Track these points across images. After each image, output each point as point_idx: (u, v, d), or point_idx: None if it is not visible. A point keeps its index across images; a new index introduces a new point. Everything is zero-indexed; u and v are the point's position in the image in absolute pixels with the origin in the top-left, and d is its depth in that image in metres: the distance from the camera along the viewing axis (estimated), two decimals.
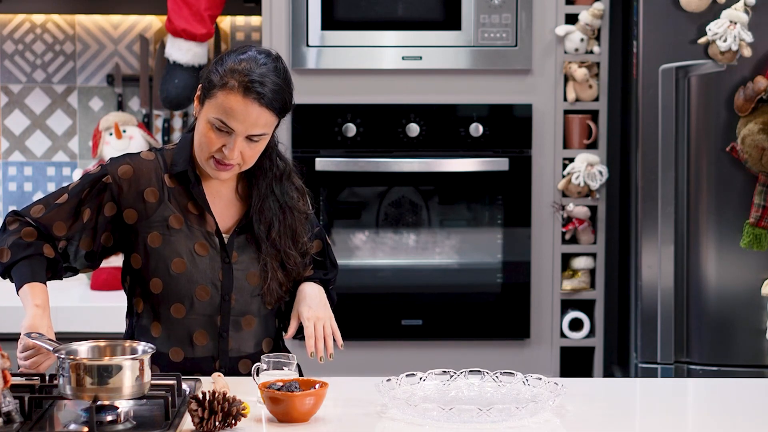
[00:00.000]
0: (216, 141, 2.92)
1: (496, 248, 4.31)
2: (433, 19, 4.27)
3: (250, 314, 3.03)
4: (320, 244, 3.16)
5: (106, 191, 3.00)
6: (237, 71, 2.90)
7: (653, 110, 4.08)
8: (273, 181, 3.05)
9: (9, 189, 4.67)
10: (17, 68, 4.65)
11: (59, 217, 3.01)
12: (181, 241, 3.00)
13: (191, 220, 3.02)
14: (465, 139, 4.29)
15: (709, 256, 4.09)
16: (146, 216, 3.00)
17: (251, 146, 2.94)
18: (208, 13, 4.38)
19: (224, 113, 2.90)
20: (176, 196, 3.02)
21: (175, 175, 3.02)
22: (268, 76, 2.92)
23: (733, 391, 3.03)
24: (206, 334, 3.02)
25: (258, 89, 2.89)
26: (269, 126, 2.94)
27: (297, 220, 3.06)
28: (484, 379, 2.87)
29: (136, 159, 3.04)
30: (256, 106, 2.89)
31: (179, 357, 3.02)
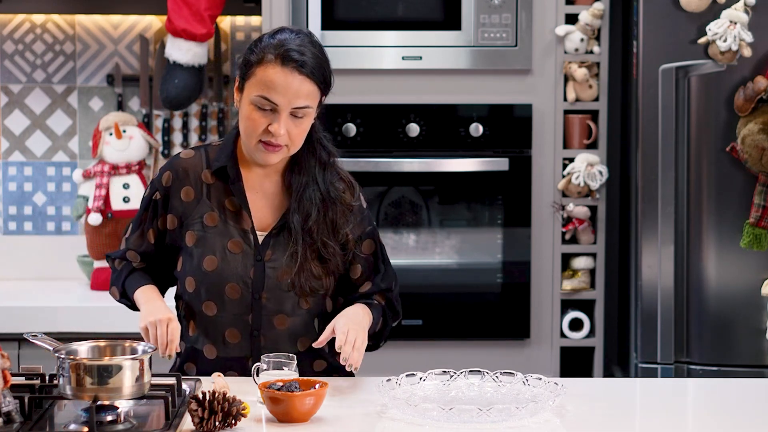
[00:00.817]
0: (261, 121, 2.90)
1: (496, 248, 4.31)
2: (433, 19, 4.27)
3: (284, 313, 2.99)
4: (372, 245, 3.09)
5: (159, 207, 3.04)
6: (273, 45, 2.90)
7: (653, 110, 4.08)
8: (316, 169, 3.01)
9: (9, 189, 4.67)
10: (17, 68, 4.65)
11: (130, 248, 3.09)
12: (215, 238, 2.99)
13: (228, 217, 3.00)
14: (465, 139, 4.29)
15: (709, 256, 4.09)
16: (185, 216, 3.01)
17: (296, 123, 2.91)
18: (208, 13, 4.38)
19: (265, 88, 2.88)
20: (215, 192, 3.01)
21: (215, 171, 3.01)
22: (306, 46, 2.91)
23: (733, 391, 3.03)
24: (238, 333, 3.00)
25: (296, 56, 2.88)
26: (312, 98, 2.91)
27: (339, 212, 3.01)
28: (484, 379, 2.87)
29: (175, 162, 3.06)
30: (297, 75, 2.88)
31: (213, 354, 3.02)
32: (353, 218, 3.04)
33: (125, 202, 4.48)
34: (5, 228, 4.67)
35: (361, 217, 3.07)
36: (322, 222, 2.99)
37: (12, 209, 4.67)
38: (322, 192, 3.00)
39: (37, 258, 4.65)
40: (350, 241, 3.03)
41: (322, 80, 2.93)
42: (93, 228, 4.46)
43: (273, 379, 2.72)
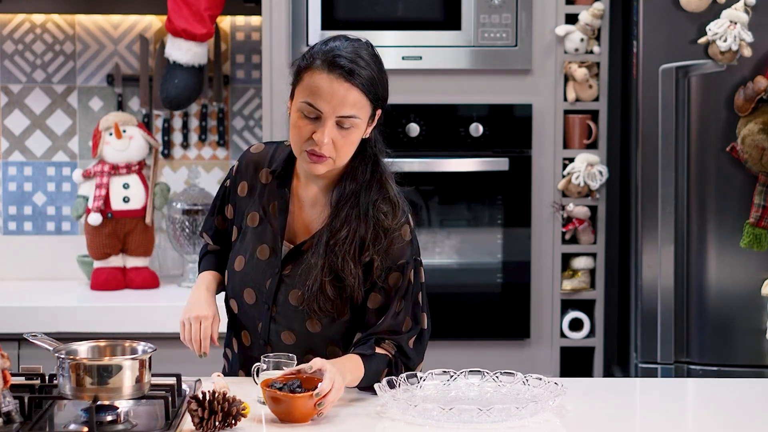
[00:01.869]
0: (306, 129, 2.82)
1: (496, 248, 4.31)
2: (433, 19, 4.27)
3: (291, 331, 2.93)
4: (398, 278, 2.88)
5: (226, 195, 3.06)
6: (323, 51, 2.83)
7: (653, 110, 4.08)
8: (363, 186, 2.89)
9: (9, 189, 4.67)
10: (17, 68, 4.65)
11: (206, 230, 3.13)
12: (250, 239, 2.98)
13: (270, 221, 2.96)
14: (465, 139, 4.29)
15: (709, 256, 4.09)
16: (237, 208, 3.02)
17: (342, 134, 2.81)
18: (208, 13, 4.37)
19: (311, 94, 2.80)
20: (267, 193, 2.98)
21: (271, 171, 2.99)
22: (358, 55, 2.82)
23: (733, 391, 3.03)
24: (250, 337, 2.99)
25: (342, 63, 2.79)
26: (359, 108, 2.82)
27: (371, 233, 2.86)
28: (484, 379, 2.87)
29: (245, 154, 3.06)
30: (342, 82, 2.79)
31: (236, 348, 3.03)
32: (385, 244, 2.87)
33: (125, 202, 4.48)
34: (5, 228, 4.67)
35: (401, 246, 2.90)
36: (350, 240, 2.86)
37: (12, 209, 4.67)
38: (360, 210, 2.88)
39: (37, 258, 4.65)
40: (376, 267, 2.87)
41: (373, 92, 2.83)
42: (93, 228, 4.46)
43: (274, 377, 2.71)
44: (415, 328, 2.90)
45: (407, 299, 2.89)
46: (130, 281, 4.48)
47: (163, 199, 4.53)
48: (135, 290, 4.47)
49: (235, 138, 4.69)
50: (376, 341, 2.87)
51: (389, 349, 2.88)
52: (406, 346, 2.89)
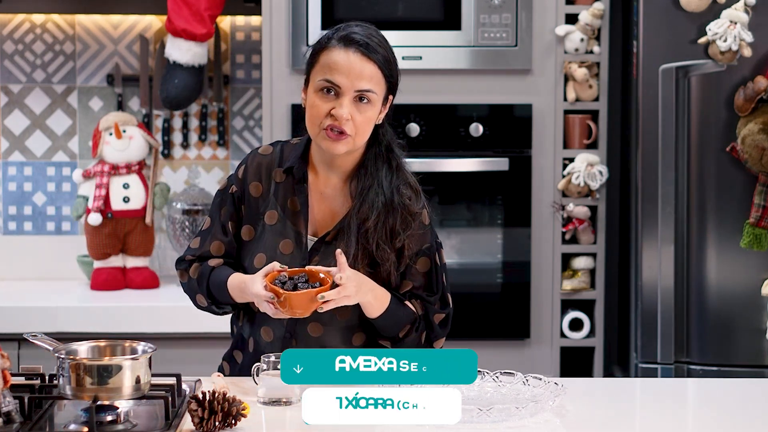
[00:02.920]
0: (324, 106, 2.88)
1: (496, 248, 4.31)
2: (433, 19, 4.27)
3: (318, 322, 2.96)
4: (427, 263, 3.01)
5: (236, 200, 3.03)
6: (336, 31, 2.92)
7: (653, 110, 4.08)
8: (383, 173, 2.96)
9: (9, 189, 4.67)
10: (17, 68, 4.65)
11: (215, 239, 3.05)
12: (270, 237, 2.98)
13: (288, 217, 2.99)
14: (465, 139, 4.29)
15: (709, 256, 4.09)
16: (249, 209, 3.01)
17: (361, 110, 2.88)
18: (208, 13, 4.38)
19: (328, 70, 2.87)
20: (282, 191, 3.00)
21: (285, 170, 3.00)
22: (371, 33, 2.92)
23: (733, 391, 3.03)
24: (272, 333, 2.99)
25: (358, 39, 2.88)
26: (375, 82, 2.89)
27: (399, 218, 2.94)
28: (484, 379, 2.87)
29: (251, 156, 3.06)
30: (359, 56, 2.87)
31: (252, 347, 3.03)
32: (414, 227, 2.96)
33: (125, 202, 4.48)
34: (5, 228, 4.67)
35: (423, 232, 2.99)
36: (381, 226, 2.93)
37: (12, 209, 4.67)
38: (386, 196, 2.94)
39: (37, 258, 4.65)
40: (407, 250, 2.96)
41: (387, 69, 2.91)
42: (93, 228, 4.46)
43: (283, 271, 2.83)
44: (445, 309, 3.05)
45: (438, 282, 3.02)
46: (130, 281, 4.49)
47: (163, 199, 4.53)
48: (135, 290, 4.47)
49: (235, 138, 4.69)
50: (409, 297, 3.00)
51: (418, 308, 3.00)
52: (433, 319, 3.02)
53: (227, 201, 3.05)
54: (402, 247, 2.95)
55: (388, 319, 2.95)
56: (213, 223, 3.06)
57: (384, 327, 2.96)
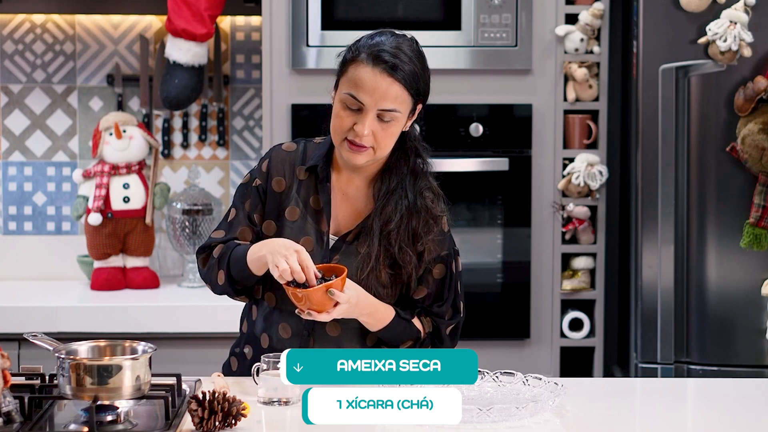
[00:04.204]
0: (347, 119, 2.89)
1: (496, 248, 4.31)
2: (433, 19, 4.27)
3: (337, 322, 2.97)
4: (443, 270, 3.03)
5: (260, 192, 3.03)
6: (368, 45, 2.90)
7: (653, 110, 4.08)
8: (407, 177, 2.98)
9: (9, 189, 4.67)
10: (17, 68, 4.65)
11: (242, 225, 3.03)
12: (291, 233, 2.98)
13: (309, 214, 3.00)
14: (465, 139, 4.29)
15: (709, 256, 4.09)
16: (271, 204, 3.01)
17: (383, 127, 2.89)
18: (208, 13, 4.38)
19: (354, 86, 2.88)
20: (304, 188, 3.01)
21: (308, 168, 3.01)
22: (401, 48, 2.89)
23: (733, 391, 3.03)
24: (290, 329, 2.99)
25: (386, 58, 2.86)
26: (400, 102, 2.89)
27: (422, 221, 2.96)
28: (484, 379, 2.87)
29: (275, 151, 3.06)
30: (386, 77, 2.86)
31: (266, 344, 3.02)
32: (435, 230, 2.98)
33: (125, 202, 4.48)
34: (5, 228, 4.67)
35: (442, 238, 3.01)
36: (404, 229, 2.95)
37: (12, 209, 4.67)
38: (409, 200, 2.96)
39: (37, 258, 4.65)
40: (426, 254, 2.98)
41: (414, 87, 2.90)
42: (93, 228, 4.46)
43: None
44: (455, 317, 3.05)
45: (450, 290, 3.02)
46: (130, 281, 4.49)
47: (163, 199, 4.53)
48: (135, 290, 4.47)
49: (235, 138, 4.69)
50: (417, 313, 3.01)
51: (426, 325, 3.02)
52: (444, 332, 3.03)
53: (252, 193, 3.05)
54: (423, 251, 2.97)
55: (387, 335, 2.99)
56: (238, 213, 3.05)
57: (385, 339, 3.00)
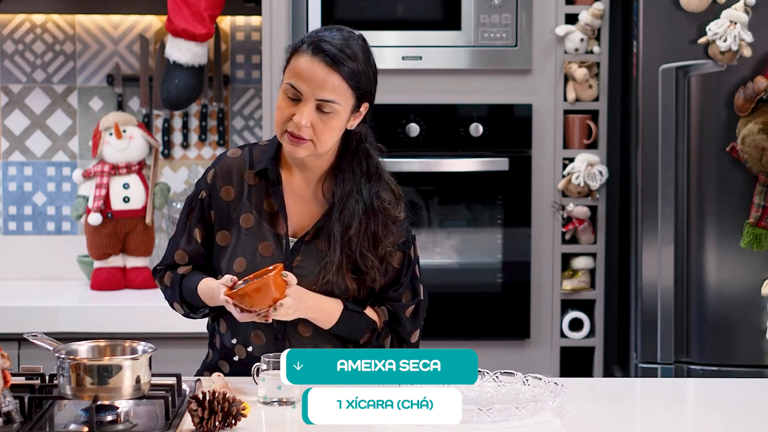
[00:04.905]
0: (287, 110, 2.88)
1: (496, 248, 4.31)
2: (433, 19, 4.27)
3: (307, 323, 2.97)
4: (401, 258, 3.03)
5: (205, 206, 3.02)
6: (312, 36, 2.91)
7: (653, 110, 4.08)
8: (362, 180, 2.97)
9: (9, 189, 4.67)
10: (17, 68, 4.65)
11: (178, 248, 3.06)
12: (247, 240, 2.98)
13: (264, 219, 2.99)
14: (465, 139, 4.29)
15: (709, 256, 4.09)
16: (222, 214, 3.00)
17: (323, 119, 2.87)
18: (208, 13, 4.38)
19: (294, 75, 2.88)
20: (255, 194, 3.00)
21: (257, 172, 3.00)
22: (346, 43, 2.89)
23: (733, 391, 3.03)
24: (263, 335, 3.00)
25: (326, 47, 2.86)
26: (339, 93, 2.87)
27: (381, 224, 2.95)
28: (484, 379, 2.87)
29: (220, 160, 3.05)
30: (324, 66, 2.85)
31: (242, 354, 3.02)
32: (395, 230, 2.99)
33: (125, 202, 4.48)
34: (5, 228, 4.67)
35: (399, 227, 3.01)
36: (363, 234, 2.94)
37: (12, 209, 4.67)
38: (365, 203, 2.95)
39: (37, 258, 4.65)
40: (390, 254, 2.98)
41: (356, 83, 2.89)
42: (93, 228, 4.46)
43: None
44: (414, 300, 3.03)
45: (407, 275, 3.02)
46: (130, 281, 4.49)
47: (163, 199, 4.53)
48: (135, 290, 4.47)
49: (235, 138, 4.69)
50: (371, 303, 3.00)
51: (381, 314, 3.00)
52: (403, 316, 3.01)
53: (196, 207, 3.05)
54: (384, 254, 2.97)
55: (341, 330, 2.98)
56: (177, 232, 3.08)
57: (341, 335, 2.99)
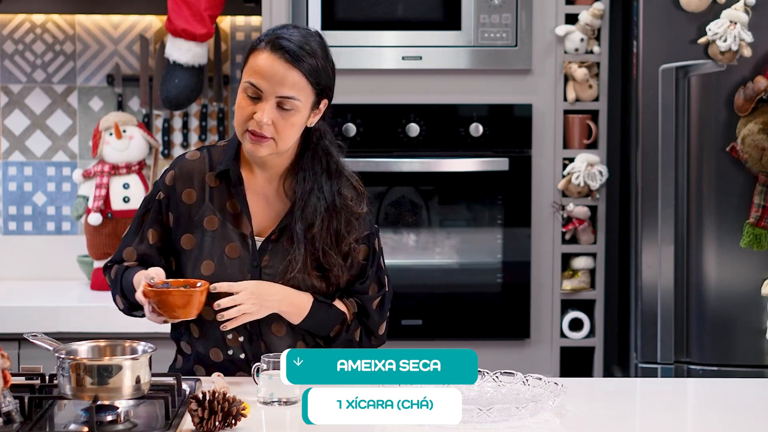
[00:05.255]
0: (248, 109, 2.89)
1: (496, 248, 4.32)
2: (433, 19, 4.27)
3: (280, 322, 2.97)
4: (366, 251, 3.03)
5: (162, 207, 3.01)
6: (270, 34, 2.91)
7: (653, 110, 4.08)
8: (322, 178, 2.97)
9: (9, 189, 4.67)
10: (17, 68, 4.65)
11: (128, 245, 3.03)
12: (213, 243, 2.97)
13: (228, 220, 2.98)
14: (465, 139, 4.29)
15: (709, 256, 4.09)
16: (183, 218, 2.99)
17: (283, 116, 2.87)
18: (208, 13, 4.38)
19: (253, 73, 2.88)
20: (217, 195, 2.99)
21: (218, 174, 2.99)
22: (305, 41, 2.89)
23: (733, 391, 3.03)
24: (238, 337, 2.99)
25: (285, 44, 2.87)
26: (299, 90, 2.87)
27: (343, 221, 2.96)
28: (484, 379, 2.87)
29: (180, 162, 3.03)
30: (283, 63, 2.86)
31: (219, 357, 3.01)
32: (358, 226, 2.99)
33: (125, 202, 4.48)
34: (5, 228, 4.67)
35: (362, 222, 3.02)
36: (326, 231, 2.95)
37: (12, 209, 4.67)
38: (327, 201, 2.96)
39: (37, 258, 4.65)
40: (354, 251, 3.00)
41: (316, 79, 2.89)
42: (93, 228, 4.46)
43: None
44: (380, 291, 3.04)
45: (373, 267, 3.03)
46: None
47: None
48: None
49: None
50: (340, 296, 3.01)
51: (350, 306, 3.01)
52: (370, 308, 3.03)
53: (152, 208, 3.03)
54: (348, 251, 2.98)
55: (312, 323, 2.98)
56: (130, 231, 3.06)
57: (312, 329, 2.99)
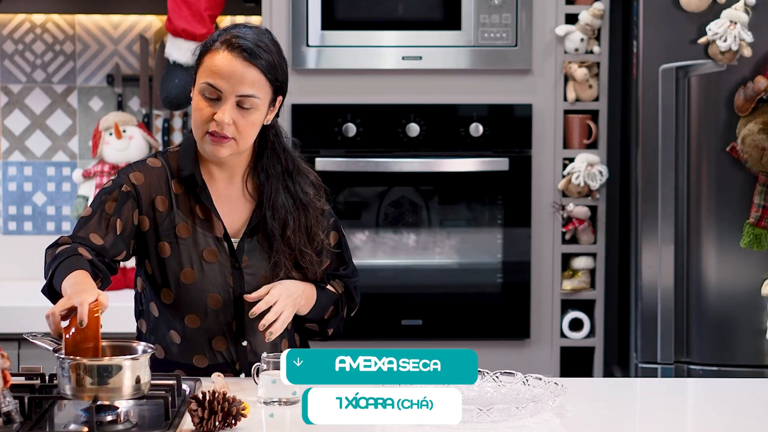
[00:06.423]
0: (207, 110, 2.86)
1: (496, 248, 4.32)
2: (433, 19, 4.27)
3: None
4: (336, 236, 3.08)
5: (129, 199, 2.94)
6: (223, 34, 2.90)
7: (653, 110, 4.08)
8: (284, 175, 2.98)
9: (9, 189, 4.67)
10: (17, 68, 4.65)
11: (92, 230, 2.90)
12: (189, 250, 2.95)
13: (199, 225, 2.96)
14: (465, 139, 4.29)
15: (709, 256, 4.09)
16: (157, 225, 2.96)
17: (243, 115, 2.86)
18: (208, 13, 4.38)
19: (211, 74, 2.86)
20: (183, 202, 2.96)
21: (181, 180, 2.97)
22: (259, 39, 2.89)
23: (733, 391, 3.03)
24: (224, 340, 2.99)
25: (241, 43, 2.86)
26: (258, 87, 2.87)
27: (312, 217, 2.99)
28: (484, 379, 2.87)
29: (143, 166, 2.99)
30: (242, 61, 2.85)
31: (203, 363, 3.00)
32: (324, 221, 3.03)
33: None
34: (5, 228, 4.67)
35: (326, 215, 3.06)
36: (299, 230, 2.97)
37: (12, 209, 4.67)
38: (294, 199, 2.98)
39: (37, 258, 4.61)
40: (326, 245, 3.04)
41: (272, 74, 2.89)
42: None
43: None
44: (356, 275, 3.12)
45: (347, 251, 3.11)
46: (130, 281, 4.48)
47: None
48: None
49: None
50: (328, 278, 3.06)
51: (337, 287, 3.08)
52: (353, 290, 3.10)
53: (119, 198, 2.92)
54: (321, 249, 3.01)
55: (317, 310, 3.03)
56: (94, 215, 2.91)
57: (315, 316, 3.04)
